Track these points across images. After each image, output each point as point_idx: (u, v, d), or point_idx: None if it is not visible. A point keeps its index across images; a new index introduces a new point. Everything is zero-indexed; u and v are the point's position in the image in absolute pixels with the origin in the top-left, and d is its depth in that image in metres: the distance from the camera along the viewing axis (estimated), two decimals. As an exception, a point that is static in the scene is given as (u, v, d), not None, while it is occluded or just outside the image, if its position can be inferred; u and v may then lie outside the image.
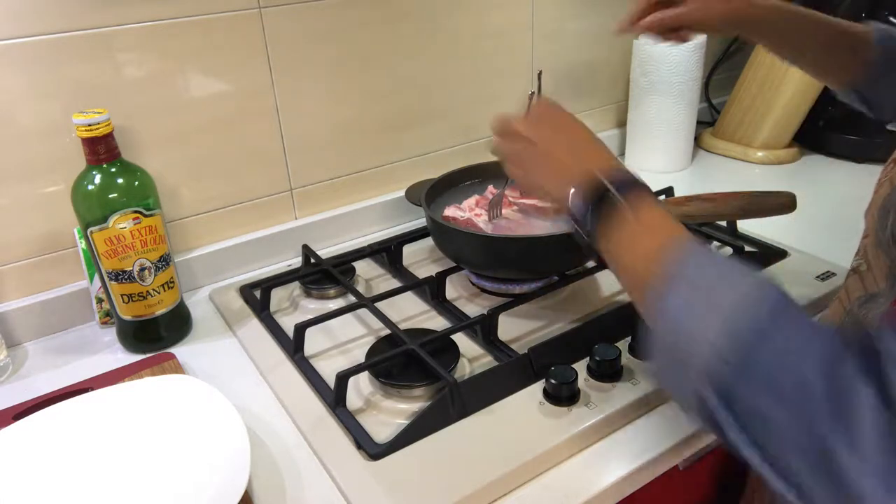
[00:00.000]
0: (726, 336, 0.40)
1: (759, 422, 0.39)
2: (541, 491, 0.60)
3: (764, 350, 0.39)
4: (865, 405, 0.35)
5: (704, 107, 1.40)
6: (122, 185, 0.74)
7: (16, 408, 0.70)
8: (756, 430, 0.39)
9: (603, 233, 0.51)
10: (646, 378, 0.68)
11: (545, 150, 0.56)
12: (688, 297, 0.43)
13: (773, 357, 0.39)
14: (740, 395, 0.39)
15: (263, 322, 0.83)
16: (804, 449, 0.37)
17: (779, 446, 0.38)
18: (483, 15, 1.06)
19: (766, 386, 0.39)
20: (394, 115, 1.04)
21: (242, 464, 0.58)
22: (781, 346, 0.39)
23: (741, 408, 0.40)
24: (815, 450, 0.36)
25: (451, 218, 0.87)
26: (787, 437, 0.38)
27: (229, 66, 0.88)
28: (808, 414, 0.37)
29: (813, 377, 0.37)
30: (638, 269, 0.48)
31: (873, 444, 0.35)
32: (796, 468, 0.38)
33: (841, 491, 0.36)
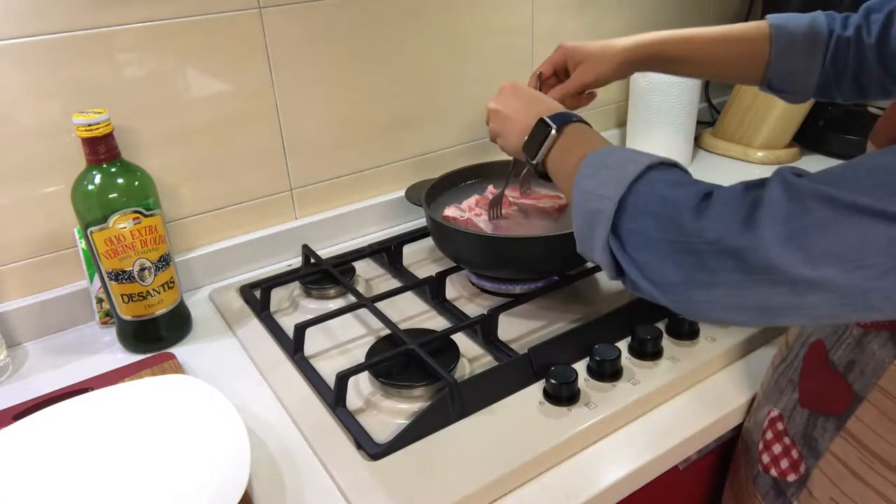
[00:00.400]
0: (624, 189, 0.50)
1: (642, 241, 0.48)
2: (541, 491, 0.60)
3: (646, 191, 0.49)
4: (728, 200, 0.45)
5: (704, 107, 1.40)
6: (122, 185, 0.74)
7: (16, 408, 0.71)
8: (643, 252, 0.48)
9: (548, 158, 0.63)
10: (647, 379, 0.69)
11: (505, 112, 0.70)
12: (597, 171, 0.53)
13: (652, 192, 0.49)
14: (628, 227, 0.49)
15: (263, 322, 0.83)
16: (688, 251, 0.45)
17: (659, 260, 0.47)
18: (483, 15, 1.06)
19: (647, 211, 0.48)
20: (394, 115, 1.04)
21: (242, 464, 0.58)
22: (661, 187, 0.49)
23: (630, 238, 0.49)
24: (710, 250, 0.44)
25: (451, 218, 0.87)
26: (666, 248, 0.47)
27: (229, 66, 0.88)
28: (683, 219, 0.46)
29: (680, 194, 0.47)
30: (568, 174, 0.57)
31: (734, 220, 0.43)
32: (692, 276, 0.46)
33: (745, 272, 0.43)
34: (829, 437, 0.56)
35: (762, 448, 0.63)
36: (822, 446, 0.56)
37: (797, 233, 0.41)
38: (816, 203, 0.40)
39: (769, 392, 0.65)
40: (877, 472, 0.53)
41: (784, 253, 0.41)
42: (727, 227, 0.43)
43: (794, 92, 0.77)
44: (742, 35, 0.75)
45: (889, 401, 0.51)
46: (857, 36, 0.71)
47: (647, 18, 1.27)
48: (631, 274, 0.50)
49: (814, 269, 0.40)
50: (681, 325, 0.74)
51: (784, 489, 0.60)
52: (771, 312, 0.44)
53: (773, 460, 0.62)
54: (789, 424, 0.61)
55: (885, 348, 0.52)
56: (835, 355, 0.57)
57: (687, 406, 0.68)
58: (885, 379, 0.52)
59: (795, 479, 0.59)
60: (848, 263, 0.39)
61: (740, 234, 0.43)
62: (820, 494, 0.57)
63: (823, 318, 0.43)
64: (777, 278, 0.41)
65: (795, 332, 0.64)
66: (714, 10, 1.39)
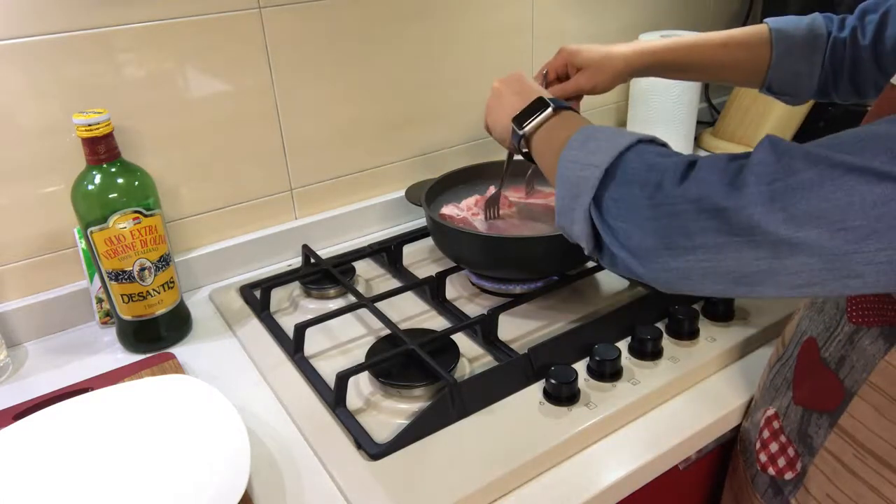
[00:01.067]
0: (612, 158, 0.50)
1: (624, 209, 0.48)
2: (541, 491, 0.60)
3: (635, 160, 0.50)
4: (714, 164, 0.45)
5: (704, 107, 1.40)
6: (122, 185, 0.74)
7: (16, 408, 0.71)
8: (623, 220, 0.49)
9: (535, 134, 0.63)
10: (645, 379, 0.69)
11: (504, 91, 0.71)
12: (585, 143, 0.54)
13: (641, 161, 0.49)
14: (612, 196, 0.50)
15: (263, 322, 0.83)
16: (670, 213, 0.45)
17: (639, 226, 0.47)
18: (483, 15, 1.06)
19: (633, 180, 0.49)
20: (394, 115, 1.04)
21: (242, 464, 0.58)
22: (650, 157, 0.49)
23: (612, 206, 0.49)
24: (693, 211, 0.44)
25: (448, 216, 0.87)
26: (646, 214, 0.47)
27: (229, 66, 0.88)
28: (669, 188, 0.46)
29: (668, 162, 0.48)
30: (554, 149, 0.57)
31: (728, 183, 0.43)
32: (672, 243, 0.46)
33: (731, 235, 0.43)
34: (824, 434, 0.56)
35: (759, 447, 0.64)
36: (817, 443, 0.57)
37: (782, 193, 0.41)
38: (803, 163, 0.41)
39: (765, 391, 0.65)
40: (870, 468, 0.53)
41: (767, 213, 0.41)
42: (711, 187, 0.44)
43: (795, 94, 0.77)
44: (742, 40, 0.76)
45: (880, 396, 0.51)
46: (853, 37, 0.72)
47: (648, 18, 1.27)
48: (609, 243, 0.50)
49: (796, 230, 0.40)
50: (681, 326, 0.74)
51: (782, 487, 0.60)
52: (749, 279, 0.44)
53: (771, 459, 0.62)
54: (785, 423, 0.61)
55: (876, 344, 0.52)
56: (826, 352, 0.57)
57: (687, 406, 0.68)
58: (875, 374, 0.52)
59: (793, 478, 0.59)
60: (831, 224, 0.39)
61: (724, 193, 0.43)
62: (816, 492, 0.57)
63: (803, 288, 0.43)
64: (758, 240, 0.41)
65: (791, 331, 0.64)
66: (714, 10, 1.39)
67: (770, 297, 0.45)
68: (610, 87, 0.79)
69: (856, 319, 0.54)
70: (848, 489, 0.55)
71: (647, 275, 0.48)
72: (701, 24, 1.36)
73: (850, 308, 0.55)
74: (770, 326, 0.76)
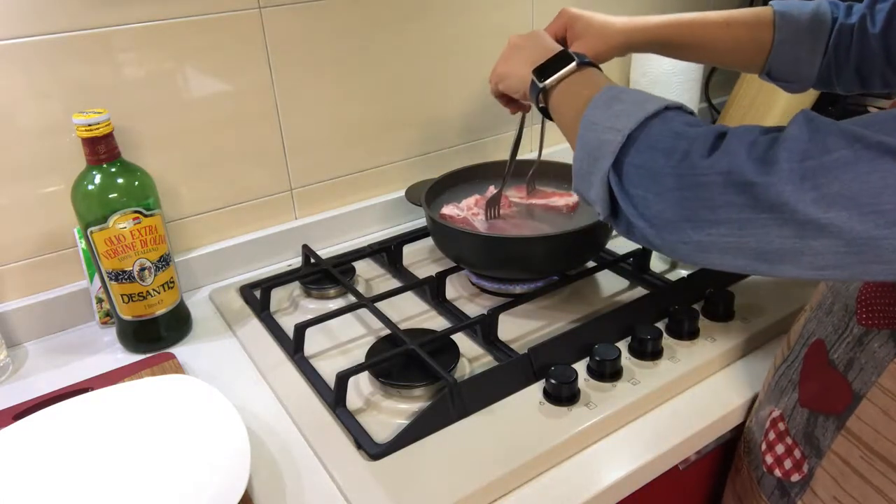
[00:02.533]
0: (637, 123, 0.49)
1: (645, 176, 0.47)
2: (541, 491, 0.60)
3: (660, 127, 0.48)
4: (745, 136, 0.43)
5: (704, 107, 1.40)
6: (122, 185, 0.74)
7: (16, 408, 0.71)
8: (644, 188, 0.47)
9: (556, 88, 0.60)
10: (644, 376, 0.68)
11: (523, 45, 0.69)
12: (609, 104, 0.52)
13: (667, 129, 0.48)
14: (633, 162, 0.48)
15: (263, 322, 0.83)
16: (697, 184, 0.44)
17: (661, 195, 0.46)
18: (483, 15, 1.06)
19: (657, 146, 0.47)
20: (394, 115, 1.04)
21: (242, 464, 0.58)
22: (677, 125, 0.48)
23: (633, 173, 0.48)
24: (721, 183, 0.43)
25: (448, 216, 0.87)
26: (671, 184, 0.45)
27: (229, 66, 0.88)
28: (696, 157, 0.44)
29: (696, 131, 0.46)
30: (576, 107, 0.56)
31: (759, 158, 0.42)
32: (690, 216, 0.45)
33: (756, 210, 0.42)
34: (831, 436, 0.56)
35: (765, 449, 0.63)
36: (824, 445, 0.56)
37: (814, 171, 0.39)
38: (838, 142, 0.39)
39: (770, 392, 0.65)
40: (879, 471, 0.53)
41: (797, 191, 0.40)
42: (741, 160, 0.42)
43: (795, 81, 0.75)
44: (745, 21, 0.74)
45: (889, 399, 0.51)
46: (861, 25, 0.70)
47: (648, 14, 1.27)
48: (627, 211, 0.49)
49: (826, 211, 0.39)
50: (681, 326, 0.74)
51: (788, 489, 0.60)
52: (771, 257, 0.43)
53: (777, 461, 0.62)
54: (790, 424, 0.61)
55: (886, 347, 0.52)
56: (835, 354, 0.57)
57: (687, 406, 0.68)
58: (885, 377, 0.51)
59: (799, 479, 0.59)
60: (863, 206, 0.38)
61: (754, 167, 0.41)
62: (823, 494, 0.57)
63: (824, 270, 0.42)
64: (785, 217, 0.40)
65: (797, 333, 0.64)
66: (714, 9, 1.38)
67: (789, 276, 0.44)
68: (606, 58, 0.75)
69: (865, 321, 0.54)
70: (855, 492, 0.54)
71: (664, 246, 0.47)
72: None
73: (860, 310, 0.55)
74: (770, 326, 0.76)
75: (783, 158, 0.41)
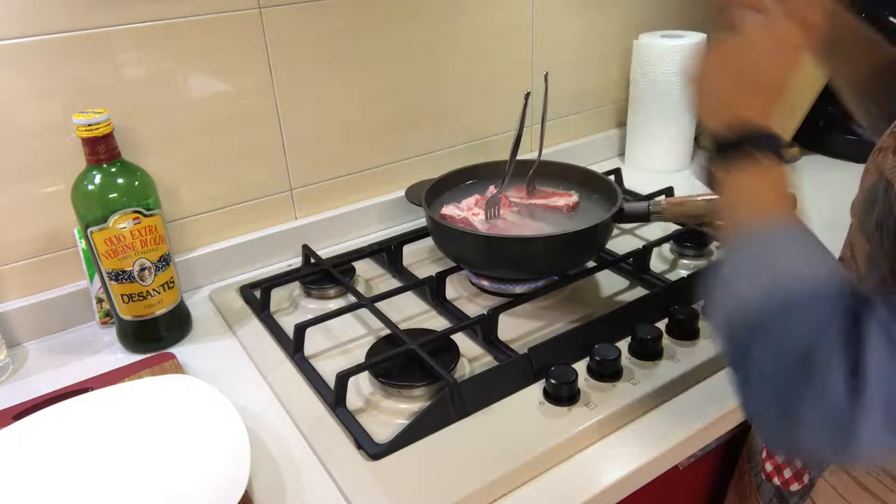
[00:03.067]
0: (762, 299, 0.42)
1: (763, 378, 0.41)
2: (541, 491, 0.60)
3: (783, 322, 0.41)
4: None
5: (704, 107, 1.40)
6: (122, 185, 0.74)
7: (16, 408, 0.71)
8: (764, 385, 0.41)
9: (725, 171, 0.51)
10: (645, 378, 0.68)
11: (727, 66, 0.54)
12: (753, 257, 0.45)
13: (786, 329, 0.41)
14: (754, 353, 0.41)
15: (263, 322, 0.83)
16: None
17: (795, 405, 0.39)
18: (483, 15, 1.06)
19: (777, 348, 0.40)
20: (394, 115, 1.04)
21: (242, 464, 0.58)
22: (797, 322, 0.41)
23: (752, 362, 0.41)
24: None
25: (448, 216, 0.87)
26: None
27: (229, 66, 0.88)
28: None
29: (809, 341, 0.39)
30: (739, 217, 0.48)
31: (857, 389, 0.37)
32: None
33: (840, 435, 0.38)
34: None
35: (766, 456, 0.63)
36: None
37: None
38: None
39: None
40: (883, 484, 0.52)
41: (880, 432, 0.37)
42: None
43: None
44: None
45: None
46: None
47: (648, 18, 1.27)
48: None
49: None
50: (681, 326, 0.74)
51: (787, 498, 0.60)
52: None
53: (776, 469, 0.61)
54: None
55: None
56: None
57: (687, 406, 0.68)
58: None
59: (799, 489, 0.59)
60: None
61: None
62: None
63: None
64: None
65: None
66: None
67: None
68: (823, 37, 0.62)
69: None
70: (858, 503, 0.54)
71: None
72: (701, 25, 1.36)
73: None
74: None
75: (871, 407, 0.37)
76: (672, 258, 0.93)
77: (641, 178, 1.20)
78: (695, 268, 0.90)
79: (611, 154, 1.34)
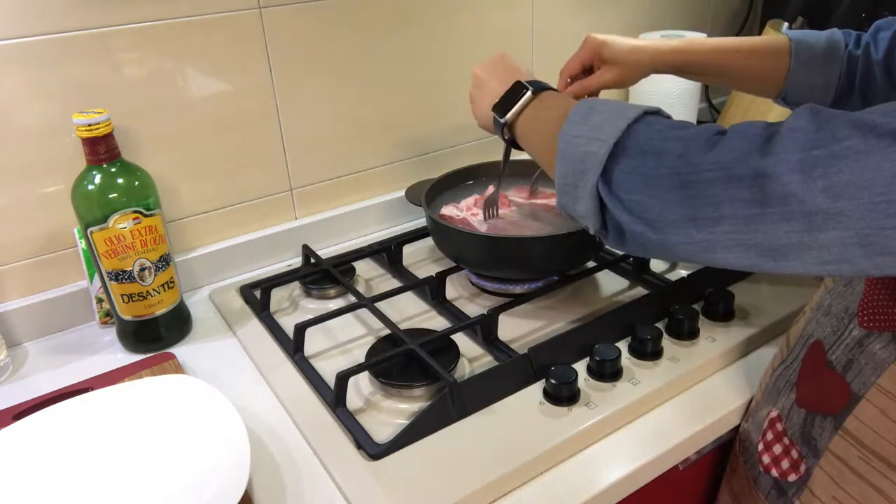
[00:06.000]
0: (621, 131, 0.49)
1: (638, 181, 0.47)
2: (541, 491, 0.60)
3: (647, 131, 0.48)
4: (747, 130, 0.43)
5: (704, 107, 1.40)
6: (122, 185, 0.74)
7: (16, 408, 0.71)
8: (638, 193, 0.47)
9: (519, 118, 0.62)
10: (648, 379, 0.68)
11: (483, 78, 0.72)
12: (587, 117, 0.52)
13: (655, 132, 0.48)
14: (623, 169, 0.48)
15: (263, 322, 0.83)
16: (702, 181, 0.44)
17: (658, 198, 0.46)
18: (483, 15, 1.06)
19: (648, 150, 0.47)
20: (394, 115, 1.04)
21: (242, 464, 0.58)
22: (664, 127, 0.48)
23: (624, 179, 0.48)
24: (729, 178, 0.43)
25: (448, 216, 0.87)
26: (669, 186, 0.45)
27: (229, 66, 0.88)
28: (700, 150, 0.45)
29: (691, 131, 0.46)
30: (547, 130, 0.57)
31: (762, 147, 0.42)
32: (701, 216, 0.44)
33: (762, 200, 0.41)
34: (828, 436, 0.56)
35: (762, 449, 0.63)
36: (822, 445, 0.57)
37: (822, 160, 0.39)
38: (848, 130, 0.38)
39: (768, 393, 0.65)
40: (876, 470, 0.53)
41: (805, 181, 0.39)
42: (744, 154, 0.41)
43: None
44: (763, 48, 0.75)
45: (888, 399, 0.51)
46: (866, 51, 0.71)
47: (648, 18, 1.27)
48: (621, 218, 0.48)
49: (835, 201, 0.38)
50: (681, 326, 0.74)
51: (786, 489, 0.60)
52: (777, 254, 0.42)
53: (774, 461, 0.62)
54: (788, 425, 0.61)
55: (888, 349, 0.52)
56: (833, 355, 0.57)
57: (687, 406, 0.68)
58: (884, 378, 0.52)
59: (796, 479, 0.59)
60: (874, 196, 0.37)
61: (758, 160, 0.41)
62: (821, 493, 0.57)
63: (830, 265, 0.41)
64: (792, 210, 0.40)
65: (797, 335, 0.64)
66: (714, 9, 1.39)
67: (794, 273, 0.43)
68: (634, 82, 0.77)
69: (867, 325, 0.54)
70: (854, 491, 0.54)
71: (663, 250, 0.47)
72: (701, 24, 1.36)
73: (862, 314, 0.55)
74: (770, 326, 0.76)
75: (789, 149, 0.40)
76: (672, 258, 0.93)
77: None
78: (695, 268, 0.90)
79: (611, 154, 1.34)
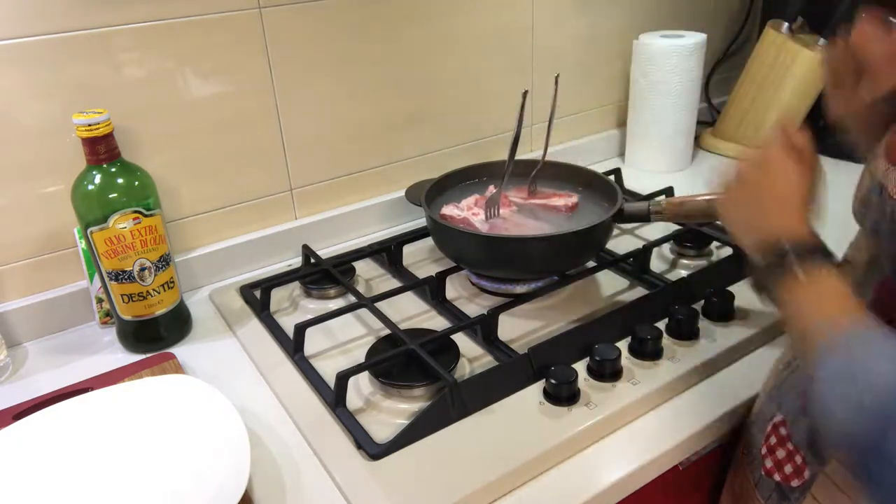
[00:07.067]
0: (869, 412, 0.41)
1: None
2: (541, 491, 0.60)
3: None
4: None
5: (704, 107, 1.40)
6: (122, 185, 0.74)
7: (16, 408, 0.71)
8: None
9: (779, 291, 0.52)
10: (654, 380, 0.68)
11: (747, 193, 0.57)
12: (844, 371, 0.44)
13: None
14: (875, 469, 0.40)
15: (263, 322, 0.83)
16: None
17: None
18: (483, 15, 1.06)
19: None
20: (394, 115, 1.04)
21: (242, 464, 0.58)
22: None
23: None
24: None
25: (448, 216, 0.87)
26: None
27: (229, 66, 0.88)
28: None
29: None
30: (806, 335, 0.48)
31: None
32: None
33: None
34: None
35: (765, 452, 0.63)
36: (828, 453, 0.56)
37: None
38: None
39: (772, 396, 0.65)
40: None
41: None
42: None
43: None
44: None
45: None
46: None
47: (648, 18, 1.27)
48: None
49: None
50: (681, 325, 0.74)
51: (787, 494, 0.60)
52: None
53: (777, 465, 0.62)
54: (793, 430, 0.60)
55: None
56: None
57: (687, 406, 0.68)
58: None
59: (799, 485, 0.59)
60: None
61: None
62: (824, 500, 0.57)
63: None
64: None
65: None
66: (715, 10, 1.39)
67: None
68: None
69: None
70: (859, 500, 0.54)
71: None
72: (701, 25, 1.36)
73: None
74: (770, 326, 0.76)
75: None
76: (672, 258, 0.93)
77: (641, 178, 1.20)
78: (695, 268, 0.90)
79: (611, 154, 1.34)
